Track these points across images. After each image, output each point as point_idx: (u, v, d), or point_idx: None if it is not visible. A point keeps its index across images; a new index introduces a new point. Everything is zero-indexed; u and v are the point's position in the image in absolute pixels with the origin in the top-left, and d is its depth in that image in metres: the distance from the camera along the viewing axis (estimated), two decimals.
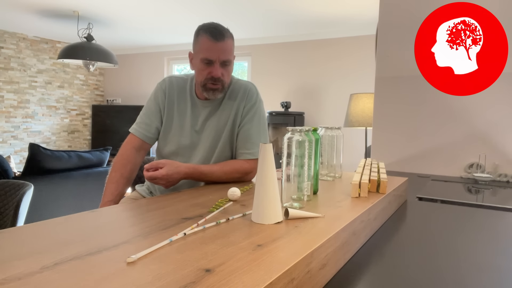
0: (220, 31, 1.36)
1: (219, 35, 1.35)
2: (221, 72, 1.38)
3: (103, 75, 7.12)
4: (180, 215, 0.85)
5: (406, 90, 2.29)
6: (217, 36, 1.34)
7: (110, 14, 4.61)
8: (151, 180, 1.26)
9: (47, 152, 3.05)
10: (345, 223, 0.77)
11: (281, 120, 4.93)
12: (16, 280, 0.50)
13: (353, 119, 3.48)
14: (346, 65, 4.96)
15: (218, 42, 1.35)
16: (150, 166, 1.26)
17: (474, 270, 0.77)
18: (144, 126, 1.50)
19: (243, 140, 1.47)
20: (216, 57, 1.36)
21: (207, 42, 1.35)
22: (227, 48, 1.37)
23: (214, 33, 1.35)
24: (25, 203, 2.01)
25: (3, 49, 5.63)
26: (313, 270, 0.62)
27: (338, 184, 1.25)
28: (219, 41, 1.35)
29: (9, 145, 5.82)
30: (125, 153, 1.47)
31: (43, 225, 0.77)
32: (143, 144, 1.50)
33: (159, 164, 1.27)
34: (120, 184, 1.42)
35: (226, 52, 1.37)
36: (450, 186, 1.84)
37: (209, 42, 1.35)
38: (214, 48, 1.35)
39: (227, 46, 1.37)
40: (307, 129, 0.95)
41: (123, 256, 0.59)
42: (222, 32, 1.36)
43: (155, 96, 1.52)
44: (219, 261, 0.57)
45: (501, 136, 2.06)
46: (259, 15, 4.40)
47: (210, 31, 1.35)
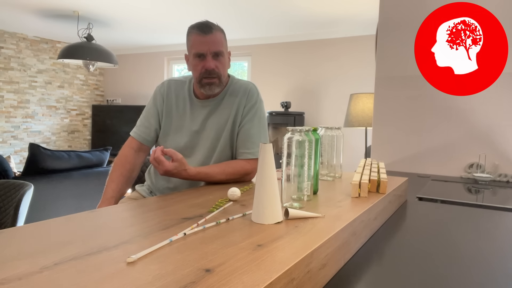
0: (207, 25, 1.39)
1: (207, 29, 1.38)
2: (215, 64, 1.40)
3: (103, 75, 7.11)
4: (180, 215, 0.85)
5: (406, 90, 2.29)
6: (205, 30, 1.38)
7: (110, 14, 4.61)
8: (155, 162, 1.22)
9: (47, 152, 3.05)
10: (345, 223, 0.77)
11: (281, 120, 4.93)
12: (16, 280, 0.50)
13: (353, 119, 3.47)
14: (346, 65, 4.96)
15: (207, 35, 1.38)
16: (166, 152, 1.23)
17: (474, 270, 0.77)
18: (143, 129, 1.52)
19: (244, 140, 1.47)
20: (207, 50, 1.38)
21: (196, 38, 1.39)
22: (216, 40, 1.40)
23: (201, 28, 1.39)
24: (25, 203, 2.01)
25: (3, 49, 5.63)
26: (313, 270, 0.62)
27: (338, 184, 1.25)
28: (207, 34, 1.38)
29: (9, 145, 5.82)
30: (124, 154, 1.49)
31: (43, 225, 0.77)
32: (141, 146, 1.52)
33: (173, 155, 1.24)
34: (120, 182, 1.43)
35: (216, 43, 1.39)
36: (450, 186, 1.84)
37: (198, 36, 1.39)
38: (203, 41, 1.38)
39: (216, 38, 1.40)
40: (307, 129, 0.95)
41: (123, 256, 0.59)
42: (210, 25, 1.40)
43: (154, 100, 1.54)
44: (219, 261, 0.57)
45: (501, 136, 2.06)
46: (259, 15, 4.40)
47: (197, 27, 1.39)
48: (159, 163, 1.22)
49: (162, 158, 1.21)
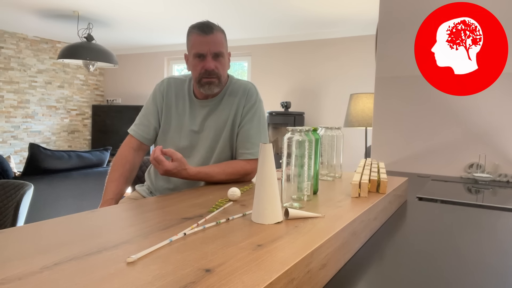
0: (208, 25, 1.39)
1: (207, 29, 1.38)
2: (214, 64, 1.40)
3: (103, 75, 7.11)
4: (180, 215, 0.85)
5: (406, 90, 2.29)
6: (206, 30, 1.38)
7: (110, 14, 4.61)
8: (155, 161, 1.22)
9: (47, 152, 3.05)
10: (345, 223, 0.77)
11: (281, 120, 4.93)
12: (16, 280, 0.50)
13: (353, 119, 3.47)
14: (346, 65, 4.96)
15: (207, 35, 1.38)
16: (165, 152, 1.23)
17: (474, 270, 0.77)
18: (142, 128, 1.51)
19: (243, 140, 1.47)
20: (207, 50, 1.38)
21: (197, 38, 1.39)
22: (217, 40, 1.40)
23: (202, 28, 1.38)
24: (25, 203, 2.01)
25: (3, 49, 5.63)
26: (313, 270, 0.62)
27: (338, 184, 1.25)
28: (208, 34, 1.38)
29: (9, 145, 5.82)
30: (123, 153, 1.48)
31: (43, 225, 0.77)
32: (141, 145, 1.51)
33: (173, 155, 1.24)
34: (120, 182, 1.42)
35: (216, 44, 1.39)
36: (450, 186, 1.84)
37: (198, 37, 1.38)
38: (203, 41, 1.38)
39: (216, 38, 1.39)
40: (307, 129, 0.95)
41: (123, 256, 0.59)
42: (210, 26, 1.39)
43: (153, 98, 1.53)
44: (219, 261, 0.57)
45: (501, 136, 2.06)
46: (259, 15, 4.40)
47: (198, 27, 1.39)
48: (159, 163, 1.22)
49: (161, 158, 1.21)
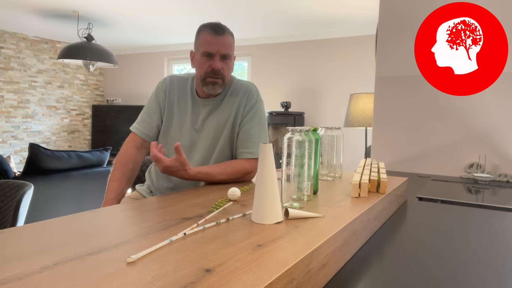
0: (220, 26, 1.42)
1: (220, 30, 1.41)
2: (221, 65, 1.41)
3: (103, 75, 7.11)
4: (180, 215, 0.85)
5: (406, 90, 2.29)
6: (218, 31, 1.40)
7: (110, 14, 4.61)
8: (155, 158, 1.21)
9: (47, 152, 3.05)
10: (345, 223, 0.77)
11: (281, 120, 4.93)
12: (16, 280, 0.50)
13: (353, 119, 3.47)
14: (346, 65, 4.96)
15: (219, 36, 1.40)
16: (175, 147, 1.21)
17: (474, 270, 0.77)
18: (145, 125, 1.51)
19: (244, 140, 1.47)
20: (216, 50, 1.40)
21: (208, 37, 1.41)
22: (227, 43, 1.42)
23: (214, 28, 1.41)
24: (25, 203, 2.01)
25: (3, 49, 5.63)
26: (313, 270, 0.62)
27: (338, 184, 1.25)
28: (219, 35, 1.40)
29: (9, 145, 5.82)
30: (126, 152, 1.48)
31: (43, 225, 0.77)
32: (144, 143, 1.51)
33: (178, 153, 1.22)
34: (123, 182, 1.42)
35: (226, 46, 1.42)
36: (450, 186, 1.84)
37: (210, 36, 1.40)
38: (214, 41, 1.40)
39: (227, 40, 1.42)
40: (307, 129, 0.95)
41: (123, 256, 0.59)
42: (222, 27, 1.42)
43: (156, 95, 1.53)
44: (219, 261, 0.57)
45: (501, 136, 2.06)
46: (259, 15, 4.40)
47: (210, 26, 1.42)
48: (158, 161, 1.22)
49: (159, 156, 1.21)
